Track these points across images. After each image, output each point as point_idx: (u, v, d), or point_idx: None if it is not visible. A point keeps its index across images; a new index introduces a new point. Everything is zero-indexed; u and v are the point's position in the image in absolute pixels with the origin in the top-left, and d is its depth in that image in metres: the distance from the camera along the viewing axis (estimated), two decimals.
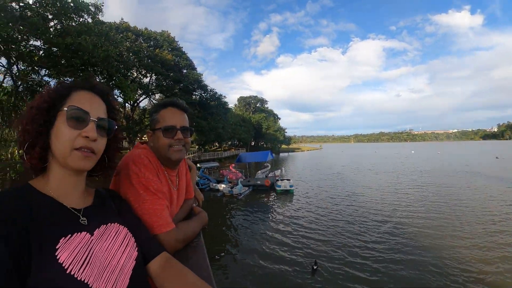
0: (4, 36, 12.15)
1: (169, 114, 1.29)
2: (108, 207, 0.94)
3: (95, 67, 17.61)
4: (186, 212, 1.48)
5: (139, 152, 1.22)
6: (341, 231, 13.10)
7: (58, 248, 0.66)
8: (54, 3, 13.55)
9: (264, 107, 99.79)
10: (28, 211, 0.67)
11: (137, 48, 33.50)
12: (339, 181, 29.77)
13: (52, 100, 0.79)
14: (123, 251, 0.82)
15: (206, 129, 42.08)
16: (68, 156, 0.76)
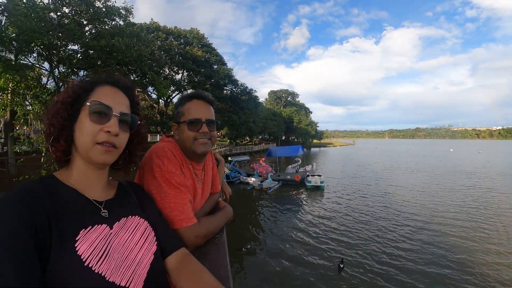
0: (46, 43, 13.24)
1: (194, 106, 1.27)
2: (130, 200, 0.95)
3: (129, 66, 18.34)
4: (211, 207, 1.46)
5: (163, 145, 1.21)
6: (371, 233, 12.56)
7: (78, 240, 0.68)
8: (88, 9, 14.44)
9: (295, 100, 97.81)
10: (52, 201, 0.70)
11: (168, 46, 34.59)
12: (371, 179, 28.61)
13: (76, 94, 0.81)
14: (142, 244, 0.82)
15: (237, 123, 42.37)
16: (90, 150, 0.78)
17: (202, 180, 1.40)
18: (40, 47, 14.09)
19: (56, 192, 0.74)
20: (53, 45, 14.20)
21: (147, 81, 22.56)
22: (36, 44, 13.24)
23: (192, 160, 1.32)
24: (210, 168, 1.53)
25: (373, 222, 13.87)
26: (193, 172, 1.31)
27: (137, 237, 0.83)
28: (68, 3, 14.05)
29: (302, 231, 12.96)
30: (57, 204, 0.70)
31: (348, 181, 27.10)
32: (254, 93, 49.52)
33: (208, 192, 1.48)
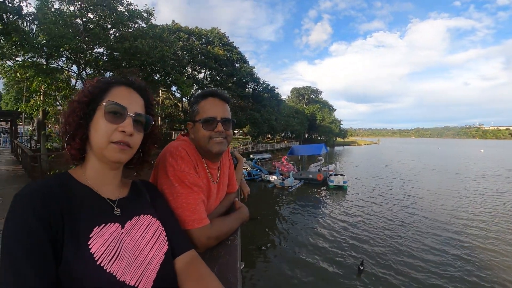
0: (73, 47, 13.87)
1: (210, 105, 1.25)
2: (143, 199, 0.95)
3: (153, 67, 18.85)
4: (226, 207, 1.44)
5: (177, 144, 1.21)
6: (393, 239, 11.99)
7: (91, 237, 0.68)
8: (111, 14, 15.07)
9: (318, 97, 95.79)
10: (66, 198, 0.71)
11: (190, 46, 35.14)
12: (396, 180, 27.34)
13: (92, 94, 0.83)
14: (153, 244, 0.82)
15: (259, 121, 42.34)
16: (104, 148, 0.79)
17: (217, 179, 1.38)
18: (68, 52, 14.78)
19: (70, 190, 0.75)
20: (80, 49, 14.83)
21: (170, 80, 23.06)
22: (65, 48, 13.89)
23: (207, 159, 1.30)
24: (227, 167, 1.51)
25: (396, 228, 13.22)
26: (208, 172, 1.29)
27: (148, 236, 0.83)
28: (93, 9, 14.67)
29: (322, 232, 12.75)
30: (71, 201, 0.72)
31: (371, 182, 26.12)
32: (276, 90, 49.39)
33: (224, 192, 1.47)
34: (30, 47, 12.61)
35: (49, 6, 13.48)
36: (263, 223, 14.25)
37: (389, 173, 32.26)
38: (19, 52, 13.26)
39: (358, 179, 27.58)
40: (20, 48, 12.70)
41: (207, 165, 1.30)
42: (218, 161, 1.37)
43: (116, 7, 15.47)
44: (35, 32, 13.18)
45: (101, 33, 14.54)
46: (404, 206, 17.12)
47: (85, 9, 14.67)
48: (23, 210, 0.63)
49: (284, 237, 12.59)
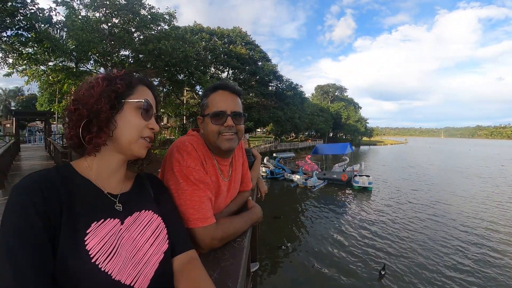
0: (101, 51, 14.72)
1: (219, 98, 1.19)
2: (146, 193, 0.93)
3: (177, 67, 19.27)
4: (238, 205, 1.39)
5: (185, 139, 1.17)
6: (418, 245, 11.35)
7: (88, 233, 0.67)
8: (134, 18, 15.68)
9: (343, 95, 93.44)
10: (67, 191, 0.69)
11: (212, 46, 35.51)
12: (423, 183, 25.70)
13: (124, 88, 0.81)
14: (152, 242, 0.81)
15: (283, 120, 41.92)
16: (134, 142, 0.80)
17: (229, 176, 1.33)
18: (96, 55, 15.54)
19: (71, 182, 0.73)
20: (107, 52, 15.54)
21: (194, 80, 23.45)
22: (92, 52, 14.59)
23: (217, 155, 1.25)
24: (240, 164, 1.45)
25: (421, 236, 12.38)
26: (218, 168, 1.24)
27: (148, 233, 0.81)
28: (117, 14, 15.27)
29: (344, 234, 12.39)
30: (71, 195, 0.70)
31: (397, 184, 24.91)
32: (299, 88, 48.75)
33: (236, 190, 1.41)
34: (61, 53, 13.40)
35: (76, 14, 14.22)
36: (285, 222, 14.13)
37: (416, 175, 30.53)
38: (50, 58, 14.14)
39: (384, 181, 26.45)
40: (51, 54, 13.54)
41: (217, 161, 1.25)
42: (229, 157, 1.31)
43: (139, 11, 15.95)
44: (65, 38, 14.02)
45: (125, 36, 15.12)
46: (431, 212, 16.01)
47: (109, 14, 15.27)
48: (21, 201, 0.62)
49: (305, 237, 12.38)
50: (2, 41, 12.49)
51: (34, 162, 16.43)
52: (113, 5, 14.87)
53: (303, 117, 49.77)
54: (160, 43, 15.75)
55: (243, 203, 1.42)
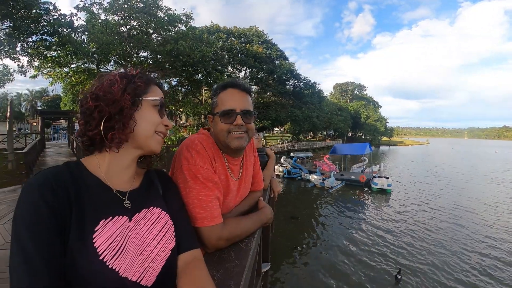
0: (120, 53, 15.18)
1: (228, 96, 1.18)
2: (154, 191, 0.93)
3: (195, 67, 19.52)
4: (249, 205, 1.37)
5: (194, 138, 1.18)
6: (436, 254, 10.69)
7: (96, 231, 0.68)
8: (152, 20, 16.04)
9: (362, 93, 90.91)
10: (76, 189, 0.70)
11: (229, 46, 35.50)
12: (444, 187, 24.30)
13: (142, 86, 0.84)
14: (159, 239, 0.81)
15: (300, 119, 41.38)
16: (150, 137, 0.84)
17: (239, 176, 1.32)
18: (116, 57, 16.01)
19: (81, 180, 0.74)
20: (126, 54, 15.97)
21: (212, 80, 23.51)
22: (112, 54, 15.04)
23: (227, 154, 1.24)
24: (251, 163, 1.44)
25: (441, 243, 11.75)
26: (227, 167, 1.24)
27: (155, 231, 0.82)
28: (135, 17, 15.70)
29: (360, 237, 12.09)
30: (81, 192, 0.71)
31: (417, 187, 23.85)
32: (317, 86, 47.71)
33: (246, 190, 1.40)
34: (82, 55, 13.89)
35: (96, 18, 14.80)
36: (301, 223, 13.99)
37: (437, 179, 29.03)
38: (73, 60, 14.69)
39: (403, 183, 25.52)
40: (74, 57, 14.05)
41: (227, 160, 1.24)
42: (239, 156, 1.31)
43: (156, 13, 16.27)
44: (86, 42, 14.62)
45: (144, 38, 15.51)
46: (451, 219, 15.01)
47: (128, 17, 15.74)
48: (32, 197, 0.63)
49: (320, 239, 12.21)
50: (28, 46, 13.15)
51: (58, 158, 17.18)
52: (131, 8, 15.30)
53: (321, 116, 49.01)
54: (178, 44, 15.99)
55: (254, 203, 1.41)
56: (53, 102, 56.15)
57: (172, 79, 22.21)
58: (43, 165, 14.24)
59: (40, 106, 59.09)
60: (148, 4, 15.74)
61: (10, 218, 6.08)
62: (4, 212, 6.65)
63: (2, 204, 7.27)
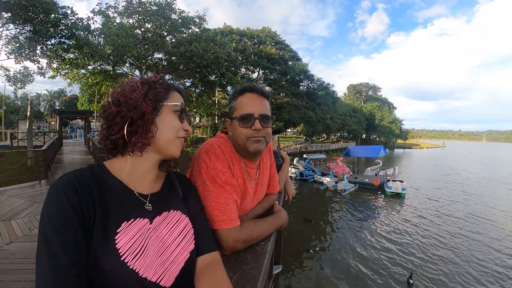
0: (135, 55, 15.46)
1: (247, 100, 1.19)
2: (175, 194, 0.95)
3: (208, 68, 19.66)
4: (264, 208, 1.39)
5: (213, 141, 1.19)
6: (451, 262, 10.16)
7: (118, 232, 0.71)
8: (166, 22, 16.25)
9: (376, 95, 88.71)
10: (99, 191, 0.73)
11: (243, 47, 35.74)
12: (461, 193, 23.07)
13: (162, 92, 0.86)
14: (179, 242, 0.84)
15: (314, 120, 41.10)
16: (172, 141, 0.86)
17: (256, 179, 1.33)
18: (131, 58, 16.30)
19: (103, 182, 0.76)
20: (141, 56, 16.24)
21: (225, 81, 23.79)
22: (128, 56, 15.30)
23: (245, 158, 1.26)
24: (267, 167, 1.45)
25: (456, 252, 11.16)
26: (245, 171, 1.25)
27: (175, 233, 0.84)
28: (149, 20, 15.94)
29: (373, 241, 11.80)
30: (104, 195, 0.74)
31: (433, 192, 22.95)
32: (331, 87, 47.33)
33: (262, 193, 1.41)
34: (99, 57, 14.32)
35: (112, 21, 15.19)
36: (313, 225, 13.82)
37: (453, 184, 27.83)
38: (90, 62, 15.13)
39: (418, 188, 24.73)
40: (90, 58, 14.49)
41: (245, 164, 1.25)
42: (256, 160, 1.31)
43: (170, 16, 16.48)
44: (102, 44, 15.03)
45: (158, 40, 15.77)
46: (467, 226, 14.33)
47: (142, 20, 16.00)
48: (58, 198, 0.65)
49: (332, 242, 11.99)
50: (47, 49, 13.68)
51: (74, 156, 17.74)
52: (146, 11, 15.59)
53: (335, 117, 48.50)
54: (192, 46, 16.16)
55: (269, 206, 1.42)
56: (71, 102, 57.92)
57: (186, 80, 22.44)
58: (60, 162, 14.76)
59: (58, 106, 61.00)
60: (162, 7, 16.00)
61: (29, 212, 6.35)
62: (23, 206, 6.88)
63: (21, 199, 7.52)
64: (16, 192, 8.28)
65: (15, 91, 45.58)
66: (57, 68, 14.70)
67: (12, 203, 7.11)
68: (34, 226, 5.45)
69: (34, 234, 5.09)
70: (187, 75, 19.60)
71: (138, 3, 15.64)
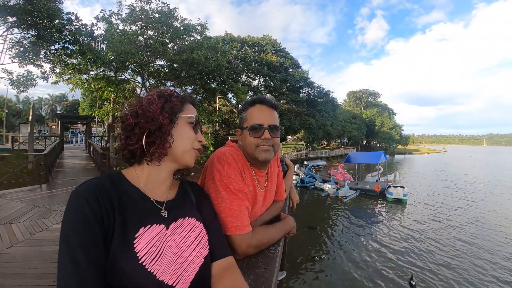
0: (137, 61, 15.60)
1: (257, 112, 1.25)
2: (189, 201, 0.99)
3: (209, 75, 19.75)
4: (272, 215, 1.43)
5: (225, 150, 1.23)
6: (454, 269, 9.95)
7: (137, 237, 0.74)
8: (168, 30, 16.49)
9: (376, 101, 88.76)
10: (118, 198, 0.77)
11: (244, 54, 36.00)
12: (463, 197, 22.90)
13: (176, 106, 0.90)
14: (194, 247, 0.86)
15: (314, 127, 41.00)
16: (187, 152, 0.90)
17: (265, 187, 1.38)
18: (133, 65, 16.42)
19: (122, 190, 0.80)
20: (143, 62, 16.34)
21: (226, 88, 23.96)
22: (130, 62, 15.40)
23: (255, 166, 1.30)
24: (275, 175, 1.50)
25: (460, 257, 10.97)
26: (255, 178, 1.30)
27: (191, 239, 0.87)
28: (152, 27, 16.10)
29: (376, 248, 11.65)
30: (122, 201, 0.77)
31: (434, 197, 22.76)
32: (331, 94, 47.28)
33: (271, 200, 1.46)
34: (102, 63, 14.40)
35: (115, 28, 15.42)
36: (315, 232, 13.75)
37: (454, 189, 27.65)
38: (92, 67, 15.25)
39: (419, 193, 24.56)
40: (93, 64, 14.61)
41: (254, 172, 1.30)
42: (265, 168, 1.36)
43: (172, 24, 16.71)
44: (105, 50, 15.16)
45: (160, 47, 15.90)
46: (470, 232, 14.02)
47: (145, 27, 16.18)
48: (80, 204, 0.69)
49: (335, 249, 11.88)
50: (51, 54, 13.83)
51: (75, 161, 17.76)
52: (148, 19, 15.77)
53: (335, 124, 48.44)
54: (193, 53, 16.31)
55: (277, 212, 1.47)
56: (72, 107, 58.07)
57: (188, 87, 22.54)
58: (61, 167, 14.80)
59: (59, 110, 61.14)
60: (165, 15, 16.20)
61: (30, 216, 6.34)
62: (24, 210, 6.87)
63: (22, 203, 7.53)
64: (17, 196, 8.30)
65: (18, 94, 45.82)
66: (60, 73, 14.82)
67: (12, 207, 7.12)
68: (35, 231, 5.44)
69: (35, 238, 5.10)
70: (189, 82, 19.70)
71: (141, 10, 15.80)
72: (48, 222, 6.00)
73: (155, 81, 19.38)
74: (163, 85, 19.61)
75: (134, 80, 19.86)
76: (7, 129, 40.69)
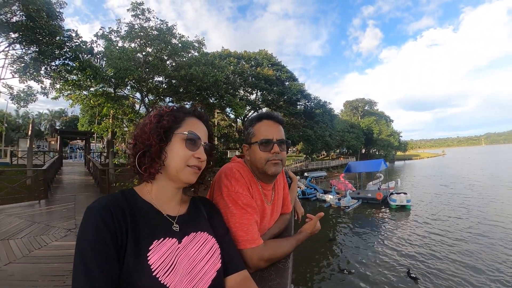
0: (136, 78, 15.79)
1: (265, 127, 1.27)
2: (200, 216, 1.00)
3: (208, 91, 19.89)
4: (280, 227, 1.45)
5: (232, 166, 1.25)
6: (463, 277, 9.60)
7: (150, 249, 0.76)
8: (166, 47, 16.65)
9: (373, 109, 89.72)
10: (131, 213, 0.79)
11: (240, 69, 36.34)
12: (465, 201, 22.24)
13: (172, 122, 0.91)
14: (207, 260, 0.87)
15: (313, 138, 41.21)
16: (181, 171, 0.88)
17: (272, 200, 1.39)
18: (132, 81, 16.55)
19: (135, 205, 0.83)
20: (142, 79, 16.50)
21: (224, 103, 24.21)
22: (129, 79, 15.55)
23: (262, 181, 1.32)
24: (281, 188, 1.52)
25: (469, 262, 10.63)
26: (262, 193, 1.31)
27: (203, 252, 0.88)
28: (150, 44, 16.32)
29: (379, 259, 11.40)
30: (135, 216, 0.79)
31: (438, 202, 22.38)
32: (328, 105, 47.72)
33: (278, 213, 1.47)
34: (101, 79, 14.60)
35: (114, 45, 15.62)
36: (320, 244, 13.47)
37: (458, 191, 27.19)
38: (92, 84, 15.45)
39: (422, 199, 24.09)
40: (93, 80, 14.81)
41: (261, 186, 1.31)
42: (272, 182, 1.37)
43: (171, 41, 16.94)
44: (105, 67, 15.36)
45: (159, 64, 16.06)
46: (479, 236, 13.49)
47: (144, 44, 16.40)
48: (94, 219, 0.71)
49: (338, 260, 11.70)
50: (51, 70, 14.07)
51: (74, 176, 17.68)
52: (147, 36, 16.04)
53: (333, 134, 48.55)
54: (191, 69, 16.46)
55: (285, 225, 1.49)
56: (71, 123, 58.16)
57: (186, 103, 22.68)
58: (60, 182, 14.74)
59: (58, 126, 61.08)
60: (163, 32, 16.48)
61: (28, 233, 6.20)
62: (22, 226, 6.73)
63: (20, 218, 7.41)
64: (15, 211, 8.20)
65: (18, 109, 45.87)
66: (60, 88, 14.95)
67: (10, 222, 7.00)
68: (33, 247, 5.30)
69: (33, 255, 4.95)
70: (187, 97, 19.80)
71: (140, 28, 16.07)
72: (47, 239, 5.85)
73: (154, 97, 19.58)
74: (161, 101, 19.83)
75: (133, 96, 19.95)
76: (6, 144, 40.57)
